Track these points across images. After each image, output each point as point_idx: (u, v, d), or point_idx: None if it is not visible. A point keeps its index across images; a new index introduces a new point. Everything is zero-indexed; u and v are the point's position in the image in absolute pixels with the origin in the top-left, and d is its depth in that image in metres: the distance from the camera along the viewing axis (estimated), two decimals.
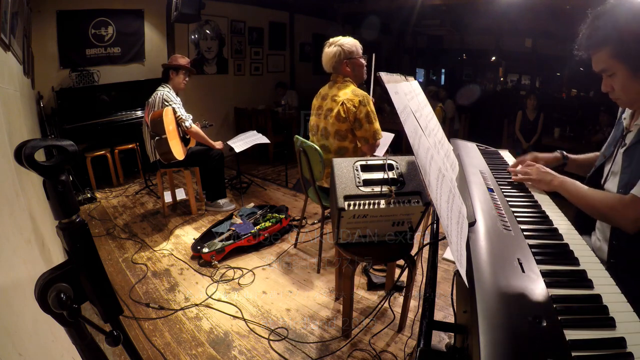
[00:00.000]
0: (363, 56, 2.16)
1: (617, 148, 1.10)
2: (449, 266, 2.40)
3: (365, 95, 2.02)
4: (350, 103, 1.99)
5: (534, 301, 0.64)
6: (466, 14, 6.31)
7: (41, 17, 3.61)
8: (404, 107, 0.97)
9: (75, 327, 0.62)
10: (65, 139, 0.61)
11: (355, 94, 2.01)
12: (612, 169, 1.10)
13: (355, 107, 1.99)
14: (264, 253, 2.63)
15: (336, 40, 2.12)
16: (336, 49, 2.08)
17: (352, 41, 2.11)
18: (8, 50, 1.76)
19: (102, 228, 3.01)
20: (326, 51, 2.13)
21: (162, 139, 2.71)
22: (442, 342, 1.73)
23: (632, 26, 0.87)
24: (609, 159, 1.13)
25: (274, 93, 5.96)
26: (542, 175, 1.14)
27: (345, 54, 2.08)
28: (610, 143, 1.17)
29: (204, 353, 1.71)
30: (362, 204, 1.33)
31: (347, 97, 2.01)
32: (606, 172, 1.12)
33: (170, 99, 2.91)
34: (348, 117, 2.01)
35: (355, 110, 1.99)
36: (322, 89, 2.24)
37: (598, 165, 1.19)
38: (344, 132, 2.07)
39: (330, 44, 2.12)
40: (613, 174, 1.08)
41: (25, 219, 1.22)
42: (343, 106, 2.00)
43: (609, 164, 1.12)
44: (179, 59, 3.08)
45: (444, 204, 0.77)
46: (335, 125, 2.06)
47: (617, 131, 1.15)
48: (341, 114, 2.01)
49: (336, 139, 2.09)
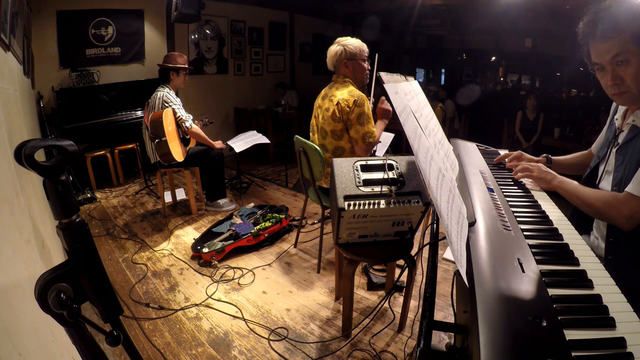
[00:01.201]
0: (367, 60, 2.15)
1: (610, 148, 1.12)
2: (449, 266, 2.40)
3: (361, 96, 2.02)
4: (344, 103, 2.00)
5: (534, 301, 0.64)
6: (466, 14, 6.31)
7: (41, 17, 3.61)
8: (404, 107, 0.97)
9: (75, 327, 0.62)
10: (65, 139, 0.61)
11: (351, 94, 2.01)
12: (606, 168, 1.12)
13: (349, 107, 1.99)
14: (264, 253, 2.63)
15: (342, 39, 2.12)
16: (339, 48, 2.08)
17: (358, 43, 2.11)
18: (8, 50, 1.76)
19: (102, 228, 3.01)
20: (330, 49, 2.13)
21: (162, 142, 2.71)
22: (442, 342, 1.73)
23: None
24: (603, 159, 1.15)
25: (274, 93, 5.97)
26: (544, 174, 1.16)
27: (347, 54, 2.08)
28: (603, 144, 1.19)
29: (204, 353, 1.71)
30: (362, 204, 1.33)
31: (342, 97, 2.01)
32: (600, 172, 1.15)
33: (170, 100, 2.90)
34: (342, 117, 2.02)
35: (348, 111, 2.00)
36: (324, 89, 2.25)
37: (593, 166, 1.21)
38: (339, 132, 2.07)
39: (336, 43, 2.12)
40: (607, 172, 1.11)
41: (25, 219, 1.22)
42: (338, 106, 2.01)
43: (603, 164, 1.14)
44: (177, 59, 3.01)
45: (444, 204, 0.77)
46: (331, 125, 2.06)
47: (609, 132, 1.17)
48: (336, 113, 2.02)
49: (333, 138, 2.10)
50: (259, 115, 5.31)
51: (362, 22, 6.23)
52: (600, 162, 1.17)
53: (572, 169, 1.42)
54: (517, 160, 1.37)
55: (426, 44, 8.53)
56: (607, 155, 1.13)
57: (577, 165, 1.40)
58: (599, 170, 1.16)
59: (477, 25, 6.59)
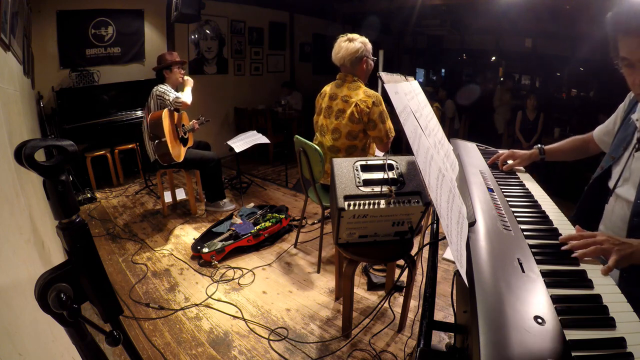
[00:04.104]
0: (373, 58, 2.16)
1: (629, 150, 1.01)
2: (449, 266, 2.40)
3: (377, 95, 2.03)
4: (363, 104, 1.99)
5: (534, 301, 0.64)
6: (466, 14, 6.30)
7: (41, 17, 3.61)
8: (404, 107, 0.97)
9: (75, 327, 0.62)
10: (65, 139, 0.61)
11: (367, 94, 2.02)
12: (623, 173, 1.01)
13: (369, 108, 1.99)
14: (264, 253, 2.63)
15: (356, 36, 2.07)
16: (359, 45, 2.04)
17: (367, 40, 2.11)
18: (8, 50, 1.76)
19: (102, 228, 3.01)
20: (347, 46, 2.04)
21: (161, 142, 2.71)
22: (442, 342, 1.73)
23: None
24: (618, 161, 1.05)
25: (278, 92, 5.95)
26: (621, 246, 0.78)
27: (367, 51, 2.07)
28: (618, 144, 1.08)
29: (204, 353, 1.71)
30: (362, 204, 1.33)
31: (359, 98, 2.01)
32: (616, 176, 1.04)
33: (163, 91, 2.87)
34: (362, 118, 2.02)
35: (368, 112, 2.00)
36: (327, 87, 2.22)
37: (606, 167, 1.10)
38: (356, 133, 2.07)
39: (351, 40, 2.06)
40: (625, 179, 1.00)
41: (25, 219, 1.22)
42: (357, 107, 2.00)
43: (618, 166, 1.04)
44: (166, 57, 3.02)
45: (444, 204, 0.77)
46: (348, 126, 2.05)
47: (625, 131, 1.06)
48: (355, 115, 2.01)
49: (347, 139, 2.09)
50: (259, 115, 5.31)
51: (362, 22, 6.22)
52: (615, 164, 1.06)
53: (566, 155, 1.38)
54: (511, 158, 1.33)
55: (426, 44, 8.53)
56: (627, 158, 1.01)
57: (573, 151, 1.36)
58: (613, 173, 1.06)
59: (477, 25, 6.59)
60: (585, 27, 4.85)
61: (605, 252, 0.78)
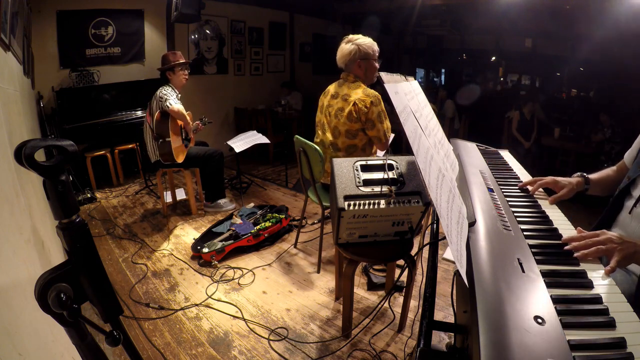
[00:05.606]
0: (378, 59, 2.15)
1: None
2: (449, 266, 2.40)
3: (376, 95, 2.03)
4: (362, 103, 2.00)
5: (534, 301, 0.64)
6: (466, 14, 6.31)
7: (41, 17, 3.61)
8: (404, 107, 0.97)
9: (75, 327, 0.62)
10: (65, 139, 0.61)
11: (366, 94, 2.02)
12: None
13: (367, 107, 2.00)
14: (264, 253, 2.63)
15: (355, 38, 2.10)
16: (353, 47, 2.06)
17: (370, 42, 2.11)
18: (8, 50, 1.76)
19: (102, 228, 3.01)
20: (342, 47, 2.11)
21: (165, 142, 2.72)
22: (442, 342, 1.73)
23: None
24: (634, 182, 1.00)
25: (278, 92, 5.95)
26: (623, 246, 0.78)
27: (361, 54, 2.07)
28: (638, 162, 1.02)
29: (204, 353, 1.71)
30: (362, 204, 1.33)
31: (358, 97, 2.01)
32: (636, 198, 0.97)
33: (166, 95, 2.84)
34: (360, 117, 2.02)
35: (366, 111, 2.00)
36: (331, 86, 2.23)
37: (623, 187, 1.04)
38: (354, 131, 2.08)
39: (348, 41, 2.10)
40: None
41: (25, 219, 1.22)
42: (355, 106, 2.01)
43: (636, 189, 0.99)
44: (169, 57, 3.01)
45: (444, 204, 0.77)
46: (346, 125, 2.06)
47: None
48: (353, 114, 2.02)
49: (347, 137, 2.10)
50: (259, 115, 5.31)
51: (362, 22, 6.23)
52: (632, 184, 0.99)
53: (605, 191, 1.21)
54: (552, 185, 1.14)
55: (426, 44, 8.53)
56: None
57: (614, 184, 1.17)
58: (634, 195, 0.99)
59: (477, 25, 6.59)
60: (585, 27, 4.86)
61: (607, 253, 0.78)
